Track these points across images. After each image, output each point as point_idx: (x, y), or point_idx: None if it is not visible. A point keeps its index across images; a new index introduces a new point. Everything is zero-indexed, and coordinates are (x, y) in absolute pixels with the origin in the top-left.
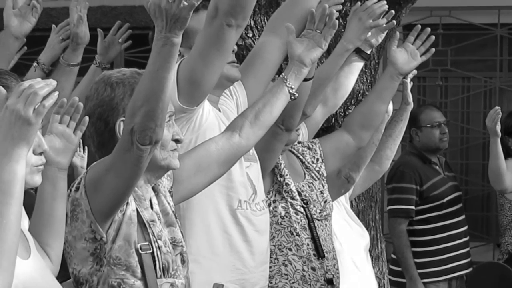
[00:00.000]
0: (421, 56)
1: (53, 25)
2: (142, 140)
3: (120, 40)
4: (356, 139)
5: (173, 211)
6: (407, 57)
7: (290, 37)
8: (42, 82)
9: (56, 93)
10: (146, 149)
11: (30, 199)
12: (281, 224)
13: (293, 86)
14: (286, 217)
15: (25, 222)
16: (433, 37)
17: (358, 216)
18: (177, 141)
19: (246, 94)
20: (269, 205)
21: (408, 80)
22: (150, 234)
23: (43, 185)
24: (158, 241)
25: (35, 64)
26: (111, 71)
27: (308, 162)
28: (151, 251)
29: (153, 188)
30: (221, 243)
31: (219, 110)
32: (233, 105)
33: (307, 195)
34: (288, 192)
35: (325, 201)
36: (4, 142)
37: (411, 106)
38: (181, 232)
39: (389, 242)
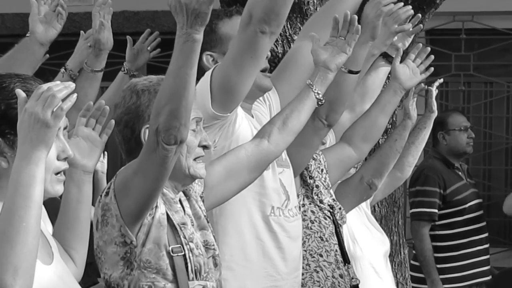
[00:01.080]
0: (421, 74)
1: (81, 32)
2: (167, 140)
3: (149, 48)
4: (358, 152)
5: (204, 215)
6: (410, 73)
7: (314, 45)
8: (60, 84)
9: (75, 95)
10: (172, 149)
11: (54, 203)
12: (311, 229)
13: (319, 92)
14: (316, 221)
15: (48, 228)
16: (432, 56)
17: (381, 222)
18: (204, 147)
19: (279, 99)
20: (299, 209)
21: (434, 88)
22: (181, 236)
23: (68, 188)
24: (190, 243)
25: (62, 70)
26: (139, 78)
27: (312, 172)
28: (182, 253)
29: (184, 193)
30: (254, 250)
31: (252, 116)
32: (266, 111)
33: (330, 200)
34: (317, 195)
35: (340, 208)
36: (23, 145)
37: (435, 114)
38: (214, 236)
39: (410, 247)
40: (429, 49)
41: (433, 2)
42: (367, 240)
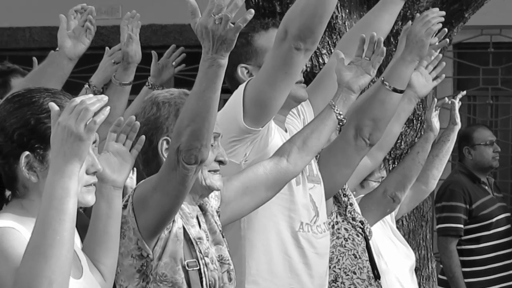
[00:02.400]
0: (433, 80)
1: (107, 47)
2: (187, 159)
3: (173, 63)
4: (373, 160)
5: (220, 230)
6: (423, 80)
7: (339, 64)
8: (93, 98)
9: (108, 108)
10: (192, 168)
11: (80, 219)
12: (345, 246)
13: (341, 112)
14: (350, 239)
15: (77, 241)
16: (444, 63)
17: (408, 236)
18: (220, 162)
19: (314, 113)
20: (332, 226)
21: (457, 100)
22: (197, 251)
23: (98, 203)
24: (205, 258)
25: (86, 86)
26: (161, 90)
27: (346, 190)
28: (198, 268)
29: (200, 208)
30: (281, 265)
31: (285, 130)
32: (300, 125)
33: (360, 216)
34: (351, 213)
35: (364, 222)
36: (57, 159)
37: (458, 126)
38: (228, 251)
39: (438, 261)
40: (441, 56)
41: (461, 16)
42: (393, 254)
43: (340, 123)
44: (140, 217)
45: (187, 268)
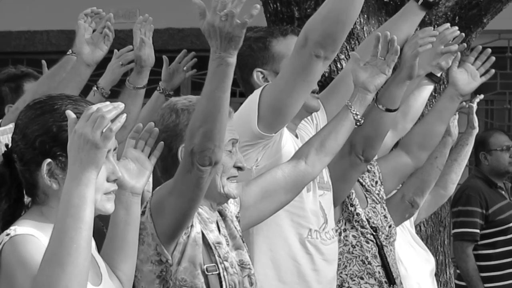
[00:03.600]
0: (481, 76)
1: (115, 50)
2: (201, 161)
3: (185, 68)
4: (414, 159)
5: (240, 235)
6: (468, 77)
7: (354, 65)
8: (110, 105)
9: (124, 115)
10: (206, 170)
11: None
12: (352, 253)
13: (357, 113)
14: (358, 245)
15: (93, 247)
16: (493, 58)
17: (426, 241)
18: (239, 168)
19: (327, 119)
20: (340, 234)
21: (474, 104)
22: (216, 255)
23: (116, 210)
24: (225, 262)
25: (94, 88)
26: (179, 97)
27: (368, 186)
28: (217, 272)
29: (220, 213)
30: (289, 271)
31: (296, 136)
32: (313, 130)
33: (374, 221)
34: (358, 222)
35: (390, 226)
36: (73, 166)
37: (476, 130)
38: (249, 255)
39: (455, 267)
40: (489, 50)
41: (480, 21)
42: (412, 259)
43: (357, 124)
44: (158, 222)
45: (206, 272)
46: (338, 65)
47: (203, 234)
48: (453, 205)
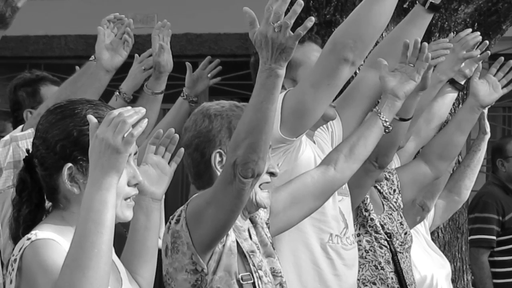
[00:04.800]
0: (503, 88)
1: (136, 55)
2: (244, 173)
3: (209, 75)
4: (434, 169)
5: (271, 242)
6: (489, 89)
7: (383, 72)
8: (131, 110)
9: (146, 120)
10: (248, 182)
11: (115, 228)
12: (365, 258)
13: (387, 119)
14: (371, 251)
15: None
16: None
17: (444, 248)
18: (272, 174)
19: (342, 127)
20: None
21: (486, 109)
22: (251, 264)
23: (136, 215)
24: (259, 271)
25: (116, 93)
26: (211, 102)
27: (386, 193)
28: (252, 281)
29: (251, 220)
30: (310, 276)
31: (314, 142)
32: (328, 138)
33: (389, 228)
34: (372, 227)
35: (405, 233)
36: (94, 171)
37: (488, 135)
38: (280, 263)
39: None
40: (511, 62)
41: (499, 28)
42: (427, 265)
43: (386, 130)
44: (194, 232)
45: (241, 281)
46: (357, 71)
47: (237, 243)
48: (470, 211)
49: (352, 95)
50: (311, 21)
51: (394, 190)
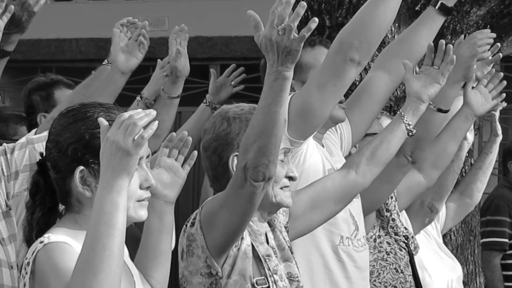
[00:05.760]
0: (492, 99)
1: (158, 60)
2: (255, 177)
3: (232, 83)
4: (427, 178)
5: (289, 246)
6: (481, 99)
7: (407, 74)
8: (141, 112)
9: (156, 123)
10: (259, 186)
11: (131, 231)
12: (386, 260)
13: (410, 123)
14: (391, 253)
15: (126, 254)
16: (504, 82)
17: (457, 250)
18: (290, 178)
19: (351, 129)
20: (374, 240)
21: (497, 112)
22: (266, 268)
23: (149, 218)
24: (274, 275)
25: (138, 98)
26: (230, 105)
27: (389, 205)
28: (267, 285)
29: (269, 223)
30: (321, 279)
31: (322, 146)
32: (337, 140)
33: (404, 230)
34: (393, 228)
35: (412, 236)
36: (105, 173)
37: (500, 137)
38: (297, 267)
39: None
40: (502, 74)
41: (511, 30)
42: (437, 267)
43: (410, 134)
44: (209, 235)
45: (256, 285)
46: (365, 75)
47: (253, 247)
48: (482, 214)
49: (361, 97)
50: (314, 22)
51: (391, 197)
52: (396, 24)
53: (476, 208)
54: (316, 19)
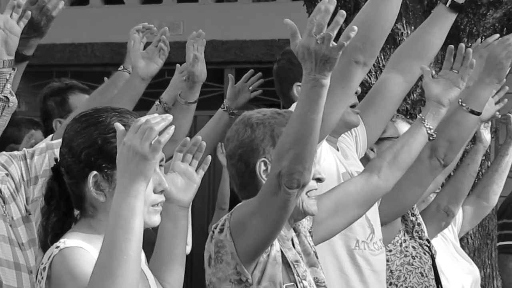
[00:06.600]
0: (496, 104)
1: (177, 65)
2: (289, 184)
3: (250, 88)
4: (434, 182)
5: (314, 251)
6: (486, 104)
7: (426, 78)
8: (158, 117)
9: (172, 127)
10: (293, 193)
11: (148, 235)
12: (412, 265)
13: (431, 127)
14: (417, 257)
15: (143, 258)
16: (506, 88)
17: (474, 254)
18: (318, 180)
19: (366, 131)
20: (400, 245)
21: None
22: (295, 274)
23: (164, 223)
24: (303, 281)
25: (157, 102)
26: (252, 111)
27: (414, 209)
28: None
29: (294, 229)
30: (337, 283)
31: (337, 149)
32: (352, 143)
33: (425, 234)
34: (418, 232)
35: (430, 240)
36: (122, 178)
37: None
38: (323, 272)
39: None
40: (504, 79)
41: None
42: (454, 271)
43: (430, 138)
44: (239, 242)
45: None
46: (379, 77)
47: (282, 253)
48: (499, 217)
49: (373, 99)
50: (354, 30)
51: None
52: (412, 27)
53: (493, 211)
54: (344, 12)
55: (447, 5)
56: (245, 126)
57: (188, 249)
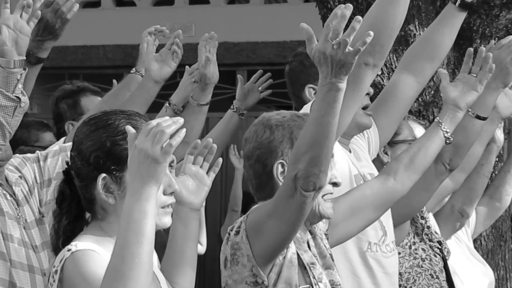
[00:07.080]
0: None
1: (186, 67)
2: (305, 187)
3: (259, 88)
4: (453, 181)
5: (330, 254)
6: (507, 101)
7: (443, 82)
8: (169, 120)
9: (184, 130)
10: (310, 195)
11: (160, 238)
12: (422, 267)
13: (448, 130)
14: (427, 259)
15: (155, 261)
16: None
17: (487, 256)
18: (334, 184)
19: (378, 132)
20: (410, 247)
21: None
22: (311, 276)
23: (175, 225)
24: (319, 283)
25: (166, 104)
26: (271, 113)
27: (424, 213)
28: None
29: (310, 231)
30: (350, 286)
31: (350, 151)
32: (365, 144)
33: (437, 235)
34: (428, 235)
35: (443, 240)
36: (134, 181)
37: None
38: (339, 275)
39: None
40: None
41: None
42: (469, 272)
43: (447, 141)
44: (255, 244)
45: None
46: (390, 78)
47: (298, 255)
48: None
49: (385, 100)
50: (370, 35)
51: None
52: (425, 29)
53: (507, 213)
54: (360, 18)
55: (457, 4)
56: (264, 128)
57: (203, 249)
